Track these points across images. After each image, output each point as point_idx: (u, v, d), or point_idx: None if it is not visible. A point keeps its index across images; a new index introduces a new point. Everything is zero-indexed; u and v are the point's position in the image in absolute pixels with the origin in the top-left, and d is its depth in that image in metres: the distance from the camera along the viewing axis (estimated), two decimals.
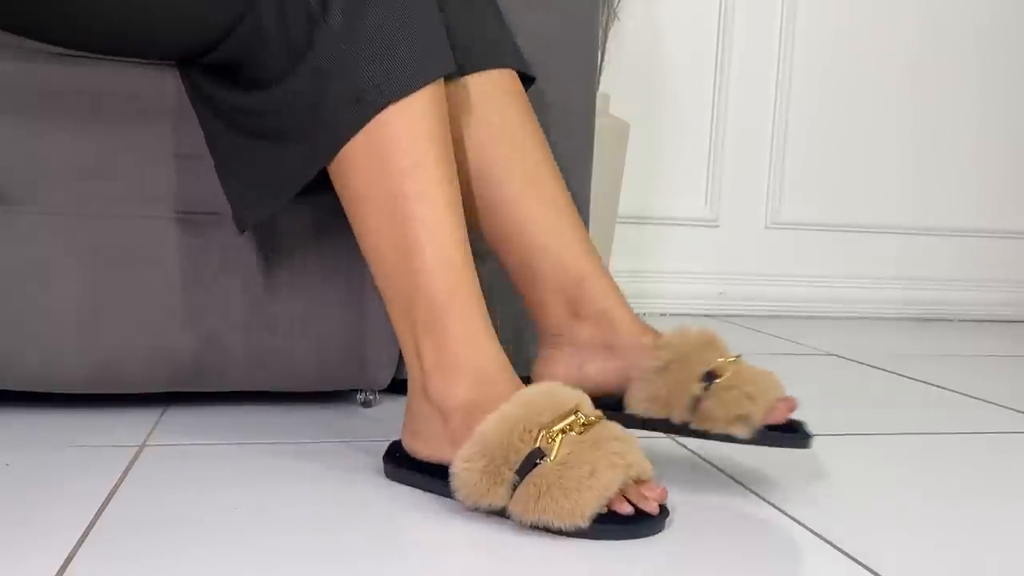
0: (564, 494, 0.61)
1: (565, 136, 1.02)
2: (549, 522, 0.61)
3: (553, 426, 0.64)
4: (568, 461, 0.62)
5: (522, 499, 0.62)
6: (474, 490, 0.64)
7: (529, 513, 0.62)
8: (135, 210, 0.88)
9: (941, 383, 1.27)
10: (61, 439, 0.82)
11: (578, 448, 0.63)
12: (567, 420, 0.64)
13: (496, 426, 0.64)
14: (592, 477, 0.61)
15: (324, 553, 0.59)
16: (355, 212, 0.72)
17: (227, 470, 0.75)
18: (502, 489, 0.63)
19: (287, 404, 0.97)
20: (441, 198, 0.70)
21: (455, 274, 0.69)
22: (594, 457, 0.62)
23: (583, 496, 0.61)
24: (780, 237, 2.02)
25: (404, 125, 0.69)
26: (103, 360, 0.88)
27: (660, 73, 1.93)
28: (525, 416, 0.64)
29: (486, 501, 0.63)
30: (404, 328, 0.71)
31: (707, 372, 0.74)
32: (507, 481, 0.63)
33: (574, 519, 0.61)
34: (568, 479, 0.61)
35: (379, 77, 0.68)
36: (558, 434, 0.63)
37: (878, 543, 0.64)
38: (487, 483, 0.63)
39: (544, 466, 0.62)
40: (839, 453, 0.88)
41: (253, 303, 0.91)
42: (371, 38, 0.69)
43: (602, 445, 0.63)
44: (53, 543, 0.59)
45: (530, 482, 0.62)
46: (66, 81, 0.87)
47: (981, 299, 2.12)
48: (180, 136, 0.88)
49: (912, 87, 2.03)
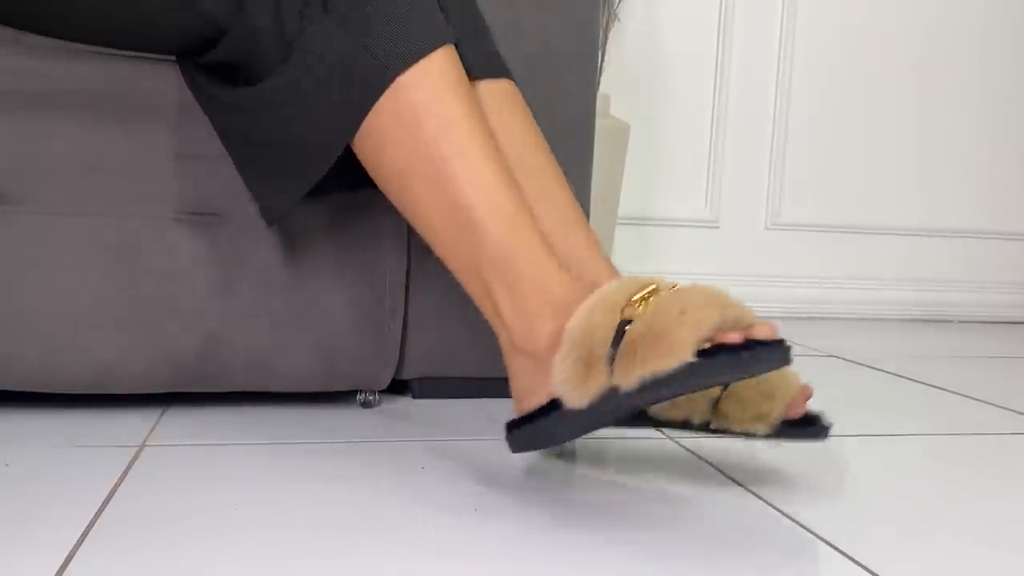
0: (657, 338, 0.58)
1: (565, 137, 1.02)
2: (655, 371, 0.57)
3: (634, 296, 0.62)
4: (656, 311, 0.60)
5: (622, 365, 0.60)
6: (577, 380, 0.62)
7: (633, 373, 0.59)
8: (136, 209, 0.88)
9: (943, 385, 1.27)
10: (61, 439, 0.82)
11: (664, 301, 0.60)
12: (648, 288, 0.63)
13: (580, 319, 0.63)
14: (683, 315, 0.58)
15: (323, 553, 0.59)
16: (396, 187, 0.72)
17: (227, 470, 0.75)
18: (601, 367, 0.61)
19: (287, 405, 0.97)
20: (478, 152, 0.70)
21: (509, 221, 0.69)
22: (682, 300, 0.60)
23: (677, 333, 0.57)
24: (780, 238, 2.02)
25: (427, 89, 0.70)
26: (104, 360, 0.88)
27: (660, 74, 1.94)
28: (605, 299, 0.63)
29: (590, 386, 0.61)
30: (477, 289, 0.71)
31: None
32: (603, 358, 0.61)
33: (677, 356, 0.57)
34: (658, 322, 0.58)
35: (392, 47, 0.69)
36: (640, 301, 0.61)
37: (879, 545, 0.64)
38: (585, 369, 0.62)
39: (633, 326, 0.60)
40: (840, 455, 0.88)
41: (253, 304, 0.91)
42: (377, 18, 0.70)
43: (689, 292, 0.61)
44: (53, 542, 0.59)
45: (626, 348, 0.60)
46: (66, 78, 0.87)
47: (984, 300, 2.12)
48: (182, 135, 0.89)
49: (914, 87, 2.03)
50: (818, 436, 0.72)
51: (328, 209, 0.91)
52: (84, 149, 0.87)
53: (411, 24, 0.70)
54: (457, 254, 0.71)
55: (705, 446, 0.87)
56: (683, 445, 0.88)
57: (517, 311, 0.69)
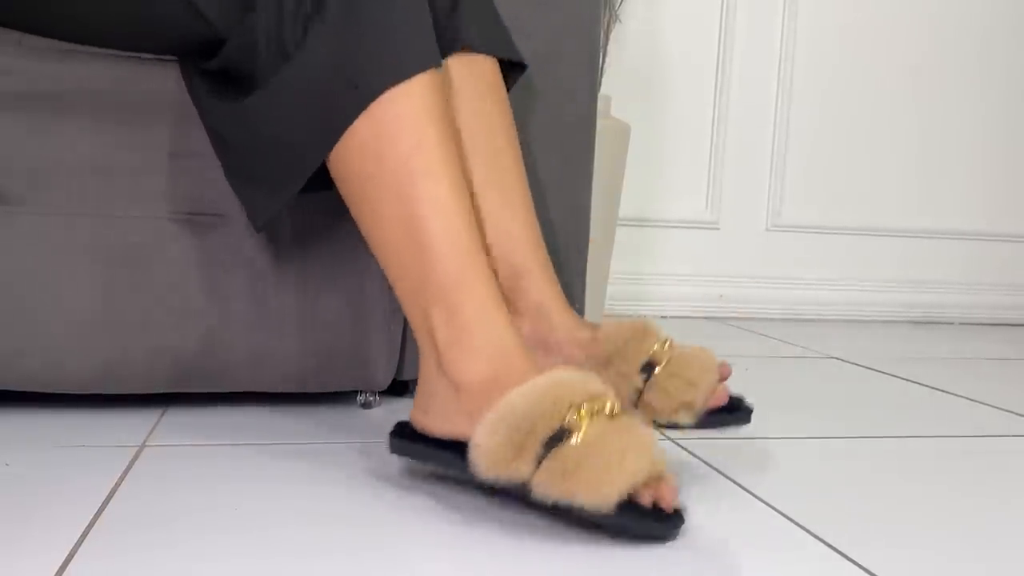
0: (594, 474, 0.59)
1: (566, 138, 1.03)
2: (575, 498, 0.59)
3: (583, 405, 0.62)
4: (598, 443, 0.61)
5: (549, 474, 0.60)
6: (498, 460, 0.62)
7: (555, 488, 0.60)
8: (136, 210, 0.88)
9: (943, 387, 1.27)
10: (61, 439, 0.82)
11: (608, 431, 0.61)
12: (598, 403, 0.63)
13: (525, 397, 0.62)
14: (623, 461, 0.60)
15: (323, 553, 0.59)
16: (358, 195, 0.72)
17: (227, 471, 0.75)
18: (526, 461, 0.61)
19: (287, 405, 0.98)
20: (446, 178, 0.70)
21: (464, 252, 0.69)
22: (624, 442, 0.61)
23: (613, 478, 0.59)
24: (781, 240, 2.02)
25: (407, 106, 0.70)
26: (104, 360, 0.88)
27: (661, 75, 1.94)
28: (556, 391, 0.63)
29: (508, 473, 0.62)
30: (415, 308, 0.71)
31: (646, 363, 0.74)
32: (532, 453, 0.61)
33: (602, 500, 0.59)
34: (599, 458, 0.60)
35: (378, 62, 0.70)
36: (587, 414, 0.62)
37: (877, 545, 0.64)
38: (512, 453, 0.61)
39: (573, 444, 0.61)
40: (840, 456, 0.88)
41: (254, 304, 0.91)
42: (367, 29, 0.70)
43: (632, 431, 0.62)
44: (53, 542, 0.59)
45: (558, 457, 0.60)
46: (66, 79, 0.87)
47: (983, 302, 2.12)
48: (180, 136, 0.89)
49: (914, 89, 2.04)
50: (741, 421, 0.73)
51: (327, 209, 0.91)
52: (83, 149, 0.87)
53: (404, 40, 0.71)
54: (405, 272, 0.71)
55: (702, 446, 0.87)
56: (681, 445, 0.88)
57: (452, 340, 0.68)
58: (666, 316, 1.97)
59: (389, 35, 0.70)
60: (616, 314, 1.92)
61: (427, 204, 0.69)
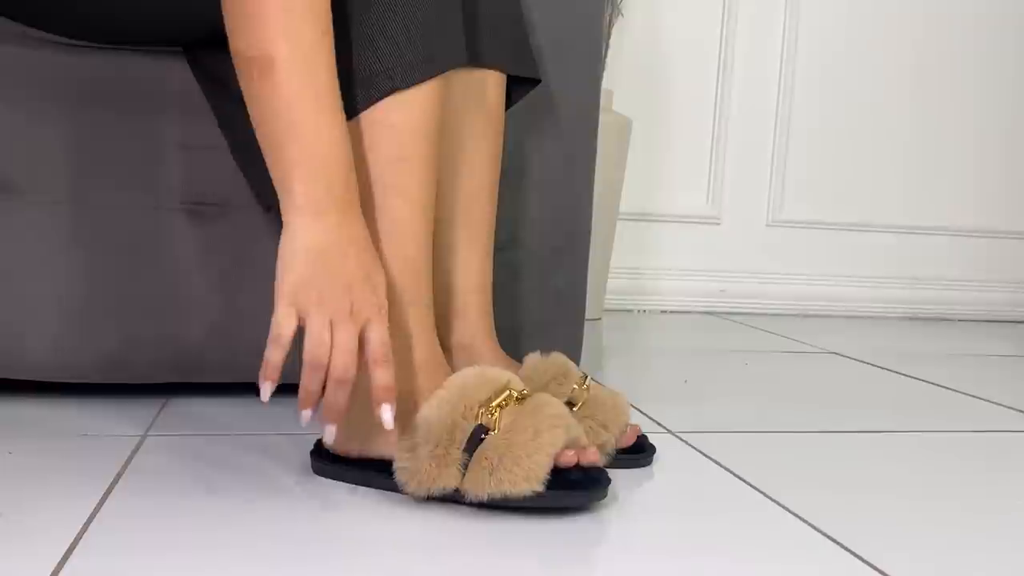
0: (515, 462, 0.62)
1: (569, 132, 1.02)
2: (506, 492, 0.62)
3: (491, 401, 0.65)
4: (512, 429, 0.64)
5: (475, 476, 0.63)
6: (425, 477, 0.64)
7: (485, 488, 0.62)
8: (140, 200, 0.88)
9: (942, 383, 1.27)
10: (63, 428, 0.82)
11: (519, 416, 0.64)
12: (503, 395, 0.66)
13: (437, 410, 0.65)
14: (537, 438, 0.63)
15: (323, 543, 0.59)
16: None
17: (229, 461, 0.75)
18: (453, 470, 0.64)
19: (292, 396, 0.97)
20: (419, 200, 0.70)
21: (409, 272, 0.70)
22: (535, 421, 0.64)
23: (533, 460, 0.62)
24: (781, 235, 2.02)
25: (402, 116, 0.69)
26: (108, 350, 0.88)
27: (662, 69, 1.93)
28: (462, 396, 0.65)
29: (439, 485, 0.64)
30: None
31: (565, 403, 0.75)
32: (456, 461, 0.64)
33: (529, 484, 0.62)
34: (516, 445, 0.62)
35: (390, 62, 0.68)
36: (497, 408, 0.65)
37: (879, 540, 0.64)
38: (437, 467, 0.64)
39: (490, 438, 0.64)
40: (842, 451, 0.88)
41: (258, 295, 0.91)
42: (385, 21, 0.68)
43: (539, 411, 0.65)
44: (54, 533, 0.59)
45: (480, 456, 0.63)
46: (69, 69, 0.87)
47: (983, 299, 2.12)
48: (185, 126, 0.88)
49: (915, 86, 2.03)
50: (646, 463, 0.78)
51: None
52: (88, 139, 0.87)
53: (413, 36, 0.68)
54: None
55: (708, 441, 0.87)
56: (686, 441, 0.88)
57: None
58: (666, 311, 1.97)
59: (409, 28, 0.68)
60: (613, 308, 1.92)
61: (387, 222, 0.69)
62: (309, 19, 0.62)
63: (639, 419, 0.94)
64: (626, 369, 1.28)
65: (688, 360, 1.38)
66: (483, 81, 0.81)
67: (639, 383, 1.17)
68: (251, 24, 0.61)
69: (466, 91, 0.80)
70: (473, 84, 0.80)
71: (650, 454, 0.79)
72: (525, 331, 1.02)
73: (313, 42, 0.62)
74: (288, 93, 0.62)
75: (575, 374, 0.79)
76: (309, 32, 0.62)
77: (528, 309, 1.03)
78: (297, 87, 0.62)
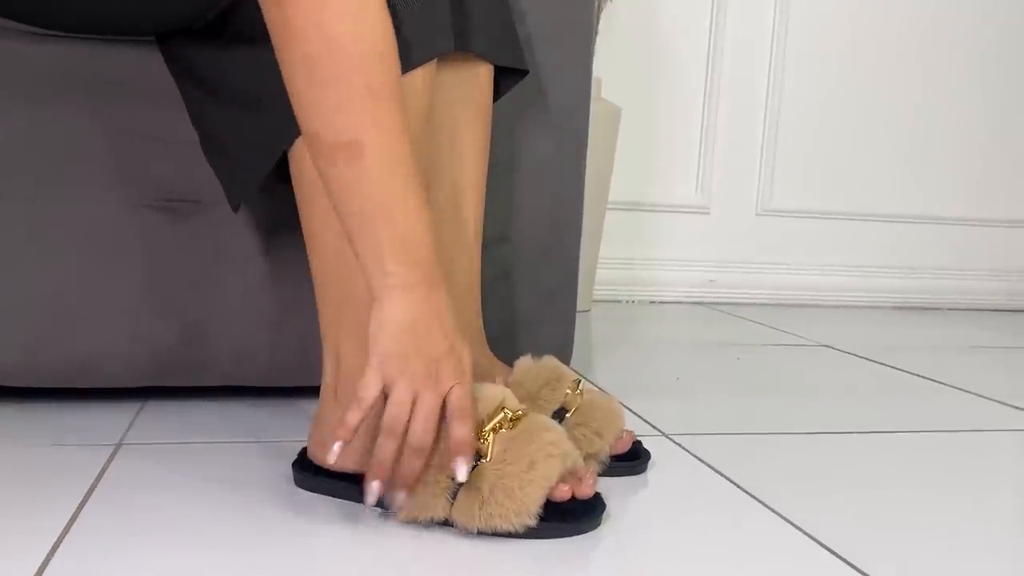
0: (507, 495, 0.60)
1: (560, 121, 1.00)
2: (497, 527, 0.60)
3: (484, 426, 0.62)
4: (505, 458, 0.61)
5: (465, 507, 0.60)
6: (413, 505, 0.61)
7: (475, 521, 0.60)
8: (113, 196, 0.85)
9: (933, 376, 1.26)
10: (35, 437, 0.79)
11: (513, 444, 0.62)
12: (496, 418, 0.63)
13: None
14: (532, 471, 0.60)
15: (303, 557, 0.57)
16: (305, 196, 0.68)
17: (207, 470, 0.73)
18: (441, 500, 0.61)
19: (268, 399, 0.95)
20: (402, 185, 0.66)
21: None
22: (530, 451, 0.61)
23: (526, 493, 0.60)
24: (771, 224, 2.00)
25: None
26: (80, 353, 0.85)
27: (652, 57, 1.90)
28: None
29: (427, 514, 0.61)
30: (329, 325, 0.69)
31: (558, 409, 0.74)
32: (445, 490, 0.61)
33: (521, 519, 0.60)
34: (509, 478, 0.60)
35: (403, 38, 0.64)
36: (489, 432, 0.62)
37: (867, 540, 0.63)
38: (425, 495, 0.61)
39: (482, 467, 0.61)
40: (835, 454, 0.87)
41: (235, 295, 0.88)
42: None
43: (535, 437, 0.62)
44: (27, 547, 0.56)
45: (471, 487, 0.60)
46: (38, 60, 0.83)
47: (975, 288, 2.11)
48: (160, 120, 0.85)
49: (906, 74, 2.01)
50: (640, 469, 0.76)
51: None
52: (58, 134, 0.83)
53: (415, 24, 0.65)
54: (329, 280, 0.68)
55: (702, 444, 0.86)
56: (681, 444, 0.86)
57: (356, 368, 0.64)
58: (655, 301, 1.95)
59: (399, 18, 0.64)
60: (602, 299, 1.90)
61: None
62: (394, 102, 0.60)
63: (632, 420, 0.92)
64: (617, 364, 1.26)
65: (679, 354, 1.36)
66: (474, 73, 0.78)
67: (631, 379, 1.15)
68: (338, 112, 0.59)
69: (456, 83, 0.77)
70: (464, 76, 0.77)
71: (645, 461, 0.77)
72: (515, 329, 1.00)
73: (399, 125, 0.60)
74: (378, 177, 0.60)
75: (568, 378, 0.77)
76: (395, 115, 0.60)
77: (518, 307, 1.00)
78: (388, 171, 0.60)
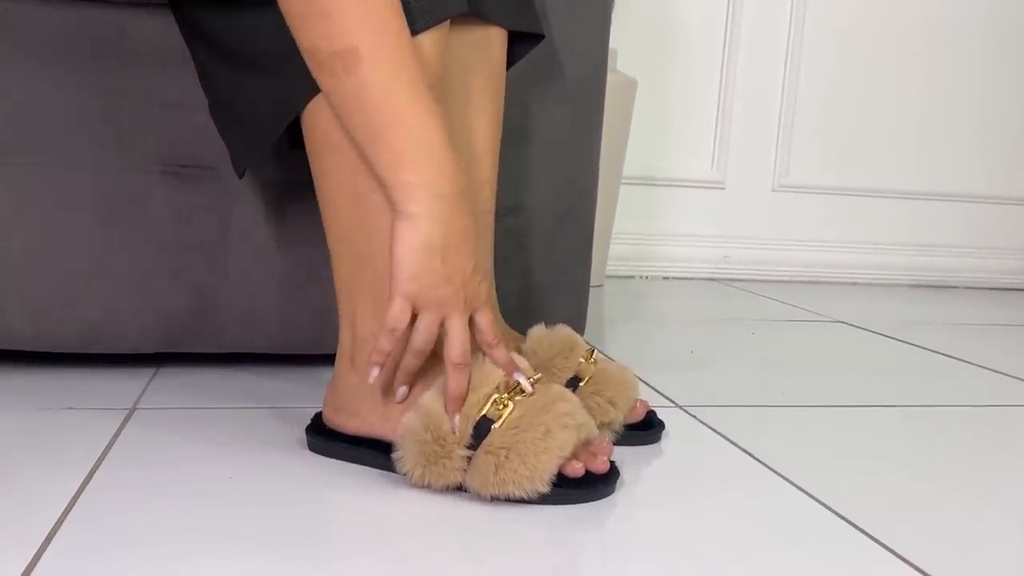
0: (522, 460, 0.59)
1: (575, 93, 0.98)
2: (510, 493, 0.59)
3: (500, 391, 0.62)
4: (520, 424, 0.61)
5: (479, 471, 0.60)
6: (426, 468, 0.61)
7: (488, 486, 0.60)
8: (122, 162, 0.84)
9: (949, 351, 1.25)
10: (48, 401, 0.79)
11: (528, 410, 0.61)
12: (512, 389, 0.63)
13: (439, 401, 0.62)
14: (547, 439, 0.60)
15: (315, 521, 0.57)
16: (320, 160, 0.67)
17: (220, 436, 0.73)
18: (456, 462, 0.61)
19: (281, 366, 0.94)
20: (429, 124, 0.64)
21: None
22: (546, 419, 0.61)
23: (540, 460, 0.60)
24: (787, 200, 1.98)
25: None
26: (91, 319, 0.84)
27: (669, 28, 1.88)
28: (469, 384, 0.62)
29: (441, 480, 0.61)
30: (346, 290, 0.68)
31: (571, 378, 0.74)
32: (459, 457, 0.61)
33: (534, 485, 0.59)
34: (524, 443, 0.60)
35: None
36: (507, 399, 0.62)
37: (884, 511, 0.62)
38: (438, 458, 0.61)
39: (496, 432, 0.61)
40: (850, 426, 0.86)
41: (245, 261, 0.87)
42: None
43: (551, 406, 0.62)
44: (40, 509, 0.56)
45: (485, 451, 0.60)
46: (41, 22, 0.82)
47: (991, 266, 2.09)
48: (169, 84, 0.84)
49: (924, 50, 1.98)
50: (654, 438, 0.76)
51: None
52: (66, 98, 0.83)
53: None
54: (347, 246, 0.67)
55: (717, 416, 0.85)
56: (695, 416, 0.85)
57: (373, 335, 0.64)
58: (668, 277, 1.93)
59: None
60: (615, 274, 1.89)
61: None
62: (388, 9, 0.59)
63: (646, 392, 0.91)
64: (631, 338, 1.25)
65: (694, 329, 1.35)
66: (487, 38, 0.76)
67: (645, 353, 1.15)
68: (328, 19, 0.58)
69: (469, 48, 0.75)
70: (477, 41, 0.76)
71: (659, 431, 0.76)
72: (528, 300, 0.99)
73: (398, 29, 0.59)
74: (381, 83, 0.58)
75: (581, 347, 0.76)
76: (391, 21, 0.59)
77: (531, 278, 1.00)
78: (390, 75, 0.58)
